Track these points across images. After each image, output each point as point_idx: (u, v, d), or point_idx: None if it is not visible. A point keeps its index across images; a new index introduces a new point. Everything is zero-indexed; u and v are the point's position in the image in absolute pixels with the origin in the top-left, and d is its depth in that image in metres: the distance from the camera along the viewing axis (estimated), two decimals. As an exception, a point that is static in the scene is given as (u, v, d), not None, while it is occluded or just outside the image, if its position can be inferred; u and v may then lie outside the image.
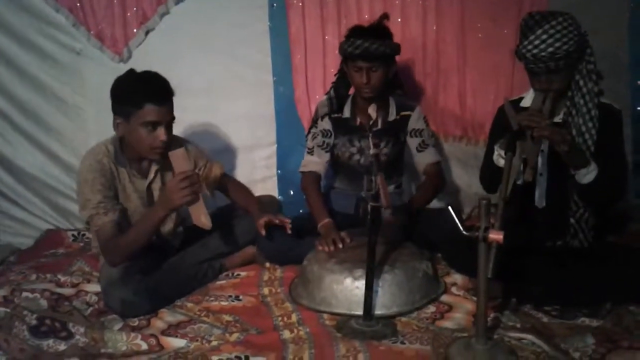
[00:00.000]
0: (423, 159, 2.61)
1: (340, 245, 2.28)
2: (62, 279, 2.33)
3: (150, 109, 2.05)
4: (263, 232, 2.28)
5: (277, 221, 2.31)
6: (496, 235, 1.63)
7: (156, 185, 2.28)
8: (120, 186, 2.21)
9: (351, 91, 2.65)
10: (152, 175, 2.25)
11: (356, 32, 2.46)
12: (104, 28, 2.91)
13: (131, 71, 2.14)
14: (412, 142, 2.63)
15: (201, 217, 2.04)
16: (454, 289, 2.22)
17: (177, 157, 2.05)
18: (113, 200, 2.15)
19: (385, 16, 2.55)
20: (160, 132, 2.08)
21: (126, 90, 2.09)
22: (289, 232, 2.32)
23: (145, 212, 2.18)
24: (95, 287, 2.27)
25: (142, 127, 2.07)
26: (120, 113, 2.11)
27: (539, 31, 1.94)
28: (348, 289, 2.07)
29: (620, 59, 2.92)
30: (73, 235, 2.92)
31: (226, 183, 2.49)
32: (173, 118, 2.14)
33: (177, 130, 2.54)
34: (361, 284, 2.00)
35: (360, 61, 2.43)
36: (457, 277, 2.29)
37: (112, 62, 2.93)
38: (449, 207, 1.76)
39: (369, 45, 2.39)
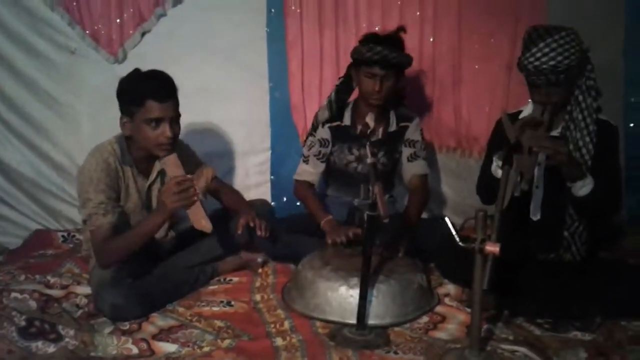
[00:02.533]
0: (411, 169, 2.62)
1: (351, 235, 2.31)
2: (52, 280, 2.29)
3: (152, 105, 2.06)
4: (239, 231, 2.29)
5: (252, 224, 2.29)
6: (492, 247, 1.64)
7: (156, 186, 2.27)
8: (124, 185, 2.20)
9: (351, 98, 2.65)
10: (153, 176, 2.25)
11: (375, 38, 2.47)
12: (99, 28, 2.88)
13: (136, 70, 2.15)
14: (405, 151, 2.64)
15: (201, 220, 2.03)
16: (447, 300, 2.22)
17: (170, 163, 2.07)
18: (114, 202, 2.14)
19: (402, 29, 2.56)
20: (165, 129, 2.08)
21: (129, 89, 2.11)
22: (263, 235, 2.30)
23: (144, 217, 2.18)
24: (85, 290, 2.24)
25: (146, 124, 2.08)
26: (125, 112, 2.12)
27: (542, 44, 1.97)
28: (342, 297, 2.06)
29: (615, 75, 2.95)
30: (63, 236, 2.88)
31: (218, 187, 2.48)
32: (178, 114, 2.15)
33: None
34: (355, 292, 1.99)
35: (376, 68, 2.44)
36: (450, 288, 2.29)
37: (107, 62, 2.90)
38: (446, 218, 1.78)
39: (388, 53, 2.40)
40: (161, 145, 2.11)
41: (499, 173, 2.05)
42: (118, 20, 2.88)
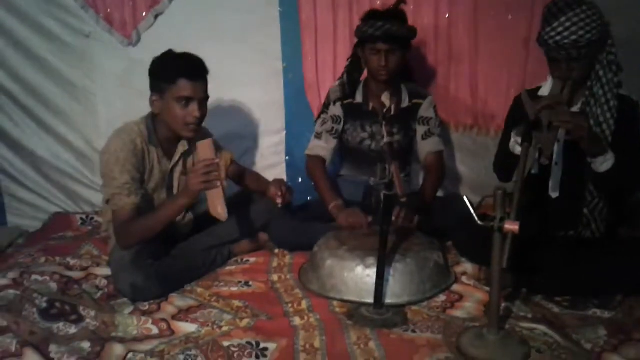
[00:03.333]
0: (426, 147, 2.61)
1: (364, 218, 2.31)
2: (72, 262, 2.33)
3: (184, 84, 2.10)
4: (279, 200, 2.32)
5: (283, 189, 2.34)
6: (512, 226, 1.62)
7: (178, 169, 2.30)
8: (149, 166, 2.23)
9: (363, 77, 2.63)
10: (176, 158, 2.27)
11: (376, 14, 2.46)
12: (113, 11, 2.88)
13: (169, 50, 2.20)
14: (419, 130, 2.63)
15: (218, 207, 2.04)
16: (464, 278, 2.21)
17: (204, 147, 2.08)
18: (138, 183, 2.16)
19: (402, 0, 2.53)
20: (194, 108, 2.13)
21: (161, 67, 2.15)
22: (279, 203, 2.34)
23: (167, 200, 2.21)
24: (104, 271, 2.26)
25: (176, 102, 2.12)
26: (156, 89, 2.16)
27: (563, 18, 1.93)
28: (359, 277, 2.07)
29: (636, 49, 2.88)
30: (81, 218, 2.92)
31: (237, 171, 2.49)
32: (207, 96, 2.19)
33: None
34: (372, 272, 2.00)
35: (380, 43, 2.42)
36: (468, 267, 2.28)
37: (121, 45, 2.90)
38: (464, 197, 1.76)
39: (390, 27, 2.39)
40: (189, 125, 2.14)
41: (517, 149, 2.03)
42: (131, 3, 2.87)
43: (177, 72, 2.11)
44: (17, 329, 1.80)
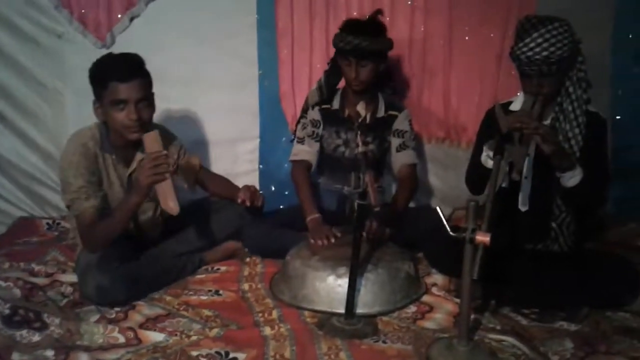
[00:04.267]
0: (400, 159, 2.62)
1: (333, 240, 2.27)
2: (36, 268, 2.27)
3: (115, 87, 2.04)
4: (244, 201, 2.28)
5: (250, 198, 2.30)
6: (483, 237, 1.64)
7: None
8: (105, 173, 2.18)
9: (341, 84, 2.64)
10: (134, 165, 2.22)
11: (349, 27, 2.46)
12: (87, 12, 2.83)
13: (107, 53, 2.14)
14: (394, 142, 2.64)
15: (169, 201, 2.00)
16: (434, 289, 2.23)
17: (151, 139, 2.04)
18: (95, 186, 2.12)
19: (379, 12, 2.55)
20: (130, 110, 2.06)
21: (95, 72, 2.09)
22: (247, 205, 2.31)
23: (122, 198, 2.15)
24: (70, 278, 2.21)
25: (112, 106, 2.06)
26: (96, 96, 2.11)
27: (535, 34, 1.97)
28: (330, 287, 2.06)
29: (603, 67, 2.96)
30: (47, 223, 2.84)
31: (205, 176, 2.46)
32: (148, 96, 2.12)
33: (159, 118, 2.51)
34: (344, 282, 1.99)
35: (350, 57, 2.44)
36: (438, 278, 2.30)
37: (95, 47, 2.85)
38: (437, 208, 1.77)
39: (359, 42, 2.39)
40: (129, 127, 2.08)
41: (489, 163, 2.06)
42: (106, 5, 2.83)
43: (107, 75, 2.04)
44: (-22, 335, 1.75)
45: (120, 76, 2.04)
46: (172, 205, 2.00)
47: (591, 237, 2.56)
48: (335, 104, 2.64)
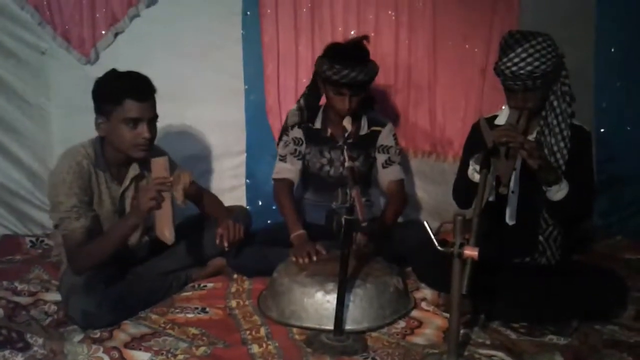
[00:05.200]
0: (387, 176, 2.61)
1: (315, 258, 2.25)
2: (19, 287, 2.23)
3: (131, 105, 2.03)
4: (217, 241, 2.22)
5: (227, 238, 2.22)
6: (471, 252, 1.64)
7: (129, 193, 2.22)
8: (97, 190, 2.15)
9: (322, 102, 2.64)
10: (127, 182, 2.20)
11: (340, 57, 2.38)
12: (71, 28, 2.82)
13: (112, 70, 2.12)
14: (379, 158, 2.63)
15: (165, 230, 1.99)
16: (423, 304, 2.21)
17: (159, 165, 2.02)
18: (87, 206, 2.09)
19: (365, 37, 2.52)
20: (143, 129, 2.05)
21: (106, 88, 2.07)
22: (226, 247, 2.23)
23: (118, 220, 2.13)
24: (54, 297, 2.18)
25: (124, 124, 2.04)
26: (101, 112, 2.08)
27: (519, 49, 1.98)
28: (319, 303, 2.04)
29: (585, 81, 3.00)
30: (31, 241, 2.80)
31: (196, 192, 2.43)
32: (156, 115, 2.12)
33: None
34: (332, 297, 1.98)
35: (344, 89, 2.40)
36: (427, 292, 2.29)
37: (79, 63, 2.84)
38: (424, 222, 1.77)
39: (356, 75, 2.35)
40: (138, 146, 2.07)
41: (476, 177, 2.06)
42: (90, 21, 2.82)
43: (123, 92, 2.03)
44: (-41, 357, 1.71)
45: (137, 95, 2.03)
46: (167, 234, 1.99)
47: (579, 249, 2.58)
48: (317, 123, 2.63)
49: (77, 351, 1.82)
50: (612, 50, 3.03)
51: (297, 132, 2.63)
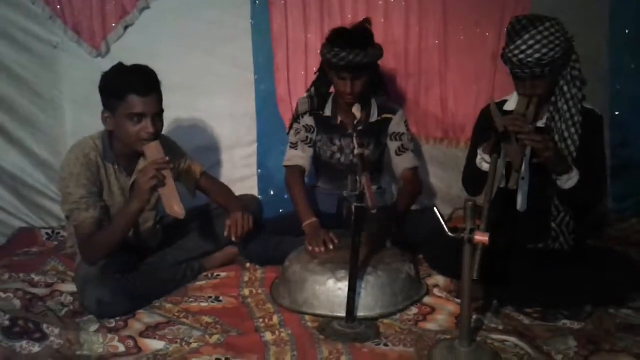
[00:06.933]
0: (401, 163, 2.60)
1: (331, 246, 2.25)
2: (36, 278, 2.26)
3: (135, 100, 2.03)
4: (226, 233, 2.23)
5: (237, 229, 2.22)
6: (482, 237, 1.63)
7: None
8: (106, 182, 2.17)
9: (332, 89, 2.63)
10: (136, 174, 2.20)
11: (339, 40, 2.38)
12: (81, 21, 2.84)
13: (119, 64, 2.12)
14: (392, 146, 2.62)
15: (174, 205, 1.98)
16: (436, 291, 2.21)
17: (152, 149, 2.04)
18: (96, 197, 2.11)
19: (367, 21, 2.50)
20: (147, 124, 2.05)
21: (111, 83, 2.07)
22: (234, 240, 2.25)
23: (122, 207, 2.15)
24: (70, 287, 2.20)
25: (128, 119, 2.05)
26: (107, 106, 2.09)
27: (526, 36, 1.93)
28: (330, 291, 2.05)
29: (600, 63, 2.96)
30: (47, 233, 2.84)
31: (207, 182, 2.46)
32: (161, 109, 2.12)
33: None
34: (344, 285, 1.98)
35: (344, 72, 2.39)
36: (439, 279, 2.29)
37: (90, 56, 2.86)
38: (435, 209, 1.76)
39: (354, 57, 2.34)
40: (143, 140, 2.07)
41: (484, 166, 2.04)
42: (100, 14, 2.83)
43: (127, 88, 2.02)
44: (-22, 348, 1.75)
45: (140, 90, 2.03)
46: (177, 209, 1.98)
47: (592, 234, 2.55)
48: (327, 111, 2.62)
49: (93, 340, 1.85)
50: (627, 32, 2.97)
51: (308, 120, 2.63)
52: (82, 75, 2.86)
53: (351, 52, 2.34)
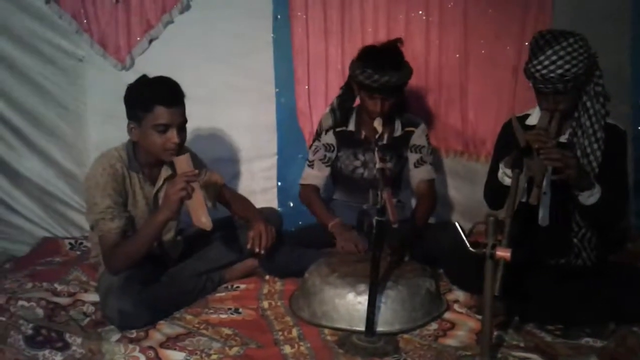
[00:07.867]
0: (418, 175, 2.61)
1: (362, 250, 2.27)
2: (59, 288, 2.29)
3: (161, 111, 2.07)
4: (249, 245, 2.25)
5: (259, 241, 2.25)
6: (503, 253, 1.62)
7: (162, 194, 2.26)
8: (131, 192, 2.20)
9: (356, 103, 2.64)
10: (160, 183, 2.25)
11: (372, 62, 2.38)
12: (107, 35, 2.90)
13: (143, 76, 2.17)
14: (411, 157, 2.63)
15: (201, 217, 2.01)
16: (456, 306, 2.20)
17: (181, 162, 2.07)
18: (121, 207, 2.14)
19: (399, 40, 2.51)
20: (172, 135, 2.09)
21: (137, 94, 2.11)
22: (258, 251, 2.26)
23: (148, 217, 2.17)
24: (92, 297, 2.23)
25: (154, 130, 2.08)
26: (132, 117, 2.13)
27: (549, 52, 1.92)
28: (350, 304, 2.05)
29: (622, 78, 2.93)
30: (70, 243, 2.88)
31: (226, 194, 2.48)
32: (185, 120, 2.15)
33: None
34: (364, 299, 1.98)
35: (376, 93, 2.41)
36: (460, 294, 2.27)
37: (115, 69, 2.92)
38: (456, 223, 1.76)
39: (388, 79, 2.35)
40: (168, 150, 2.11)
41: (506, 180, 2.03)
42: (126, 28, 2.89)
43: (153, 99, 2.06)
44: (2, 356, 1.77)
45: (166, 101, 2.07)
46: (204, 221, 2.01)
47: (614, 250, 2.51)
48: (351, 125, 2.64)
49: (114, 350, 1.87)
50: (649, 46, 2.95)
51: (329, 138, 2.64)
52: (106, 88, 2.91)
53: (384, 74, 2.35)
